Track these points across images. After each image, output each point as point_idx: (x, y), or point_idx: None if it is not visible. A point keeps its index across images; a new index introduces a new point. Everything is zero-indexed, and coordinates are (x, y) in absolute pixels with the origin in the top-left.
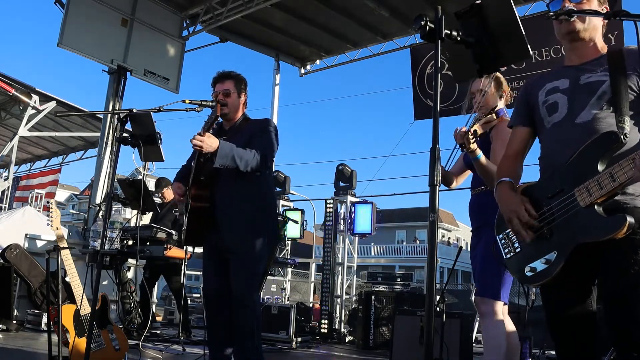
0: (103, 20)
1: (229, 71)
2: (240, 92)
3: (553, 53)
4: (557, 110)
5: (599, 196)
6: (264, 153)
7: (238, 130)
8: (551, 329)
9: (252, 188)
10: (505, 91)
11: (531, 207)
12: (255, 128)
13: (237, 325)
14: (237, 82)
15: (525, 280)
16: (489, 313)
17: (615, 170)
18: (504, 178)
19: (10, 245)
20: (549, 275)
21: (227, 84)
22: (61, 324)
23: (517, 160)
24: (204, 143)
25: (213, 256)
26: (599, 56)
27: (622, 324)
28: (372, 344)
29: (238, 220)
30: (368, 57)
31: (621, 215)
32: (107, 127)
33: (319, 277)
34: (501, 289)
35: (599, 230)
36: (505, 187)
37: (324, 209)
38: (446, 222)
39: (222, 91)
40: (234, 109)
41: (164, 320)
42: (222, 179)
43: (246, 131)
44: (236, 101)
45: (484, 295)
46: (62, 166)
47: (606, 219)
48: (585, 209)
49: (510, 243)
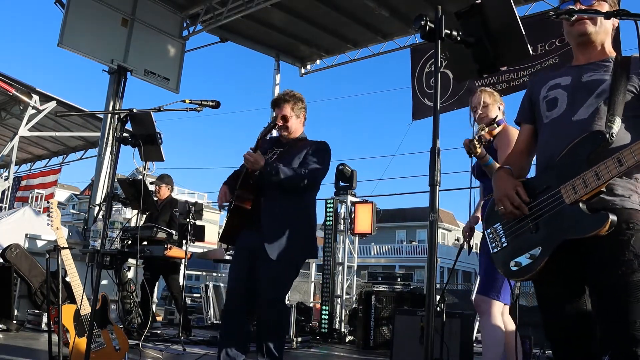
0: (103, 20)
1: (286, 93)
2: (299, 113)
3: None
4: (556, 106)
5: (583, 194)
6: (315, 174)
7: (294, 146)
8: (546, 328)
9: (297, 200)
10: (501, 103)
11: (523, 192)
12: (311, 149)
13: (265, 322)
14: (294, 104)
15: (510, 275)
16: (487, 312)
17: (600, 168)
18: (504, 166)
19: (11, 245)
20: (533, 270)
21: (284, 108)
22: (61, 323)
23: (522, 156)
24: (252, 159)
25: (243, 257)
26: (605, 58)
27: (611, 322)
28: (373, 344)
29: (279, 227)
30: (368, 57)
31: (604, 213)
32: (108, 127)
33: (319, 277)
34: (501, 289)
35: (582, 228)
36: (502, 172)
37: (324, 209)
38: (446, 222)
39: (281, 117)
40: (294, 131)
41: (164, 320)
42: (271, 187)
43: (302, 149)
44: (295, 123)
45: (483, 294)
46: (62, 166)
47: (589, 217)
48: (570, 206)
49: (497, 238)
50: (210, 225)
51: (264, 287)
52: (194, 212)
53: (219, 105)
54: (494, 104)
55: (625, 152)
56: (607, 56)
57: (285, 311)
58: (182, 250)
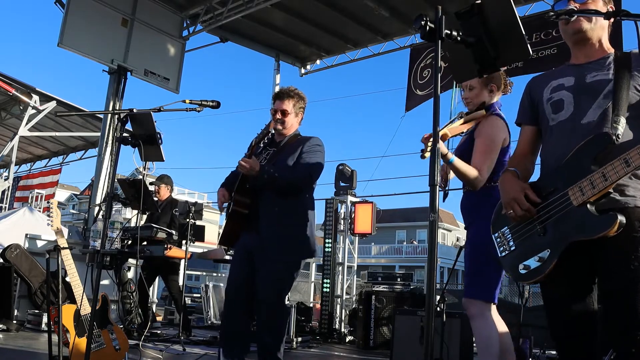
0: (103, 20)
1: (291, 89)
2: (298, 112)
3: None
4: (562, 109)
5: (591, 195)
6: (310, 173)
7: (288, 145)
8: (551, 328)
9: (295, 200)
10: (496, 85)
11: (533, 194)
12: (304, 146)
13: (265, 322)
14: (297, 101)
15: (519, 278)
16: (477, 315)
17: (607, 170)
18: (509, 168)
19: (11, 245)
20: (542, 272)
21: (286, 103)
22: (61, 324)
23: (527, 158)
24: (248, 166)
25: (243, 257)
26: (605, 55)
27: (622, 319)
28: (373, 344)
29: (278, 227)
30: (368, 57)
31: (612, 213)
32: (108, 127)
33: (319, 277)
34: (487, 288)
35: (590, 229)
36: (509, 174)
37: (324, 209)
38: (446, 222)
39: (280, 110)
40: (289, 127)
41: (164, 320)
42: (268, 189)
43: (296, 147)
44: (292, 120)
45: (470, 297)
46: (62, 166)
47: (598, 218)
48: (578, 208)
49: (505, 241)
50: (210, 225)
51: (263, 288)
52: (194, 212)
53: (219, 105)
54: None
55: (632, 153)
56: (606, 53)
57: (285, 311)
58: (182, 250)
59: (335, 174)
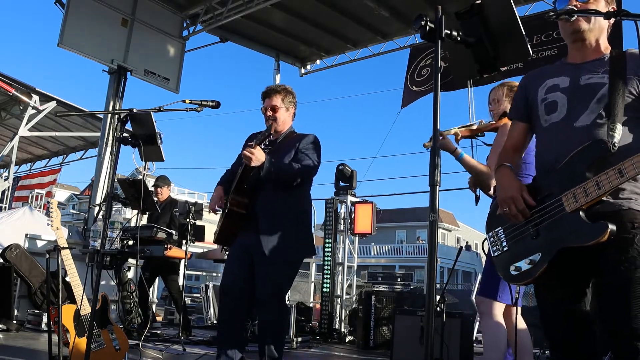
0: (103, 20)
1: (278, 85)
2: (289, 106)
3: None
4: (555, 110)
5: (584, 202)
6: (308, 169)
7: (284, 142)
8: (545, 329)
9: (293, 199)
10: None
11: (529, 197)
12: (301, 143)
13: (264, 322)
14: (285, 96)
15: (510, 279)
16: (487, 313)
17: (601, 178)
18: (505, 163)
19: (11, 245)
20: (532, 275)
21: (275, 99)
22: (61, 324)
23: (516, 154)
24: (254, 156)
25: (241, 255)
26: (601, 56)
27: (615, 319)
28: (373, 344)
29: (276, 226)
30: (368, 57)
31: (603, 223)
32: (108, 127)
33: (319, 277)
34: (498, 288)
35: (581, 236)
36: (507, 170)
37: (324, 209)
38: (446, 222)
39: (270, 107)
40: (282, 122)
41: (164, 320)
42: (265, 188)
43: (292, 144)
44: (284, 115)
45: (483, 295)
46: (62, 166)
47: (589, 226)
48: (571, 214)
49: (498, 242)
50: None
51: (262, 287)
52: (194, 212)
53: (219, 105)
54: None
55: (627, 163)
56: (603, 54)
57: (284, 311)
58: (182, 250)
59: (335, 174)
